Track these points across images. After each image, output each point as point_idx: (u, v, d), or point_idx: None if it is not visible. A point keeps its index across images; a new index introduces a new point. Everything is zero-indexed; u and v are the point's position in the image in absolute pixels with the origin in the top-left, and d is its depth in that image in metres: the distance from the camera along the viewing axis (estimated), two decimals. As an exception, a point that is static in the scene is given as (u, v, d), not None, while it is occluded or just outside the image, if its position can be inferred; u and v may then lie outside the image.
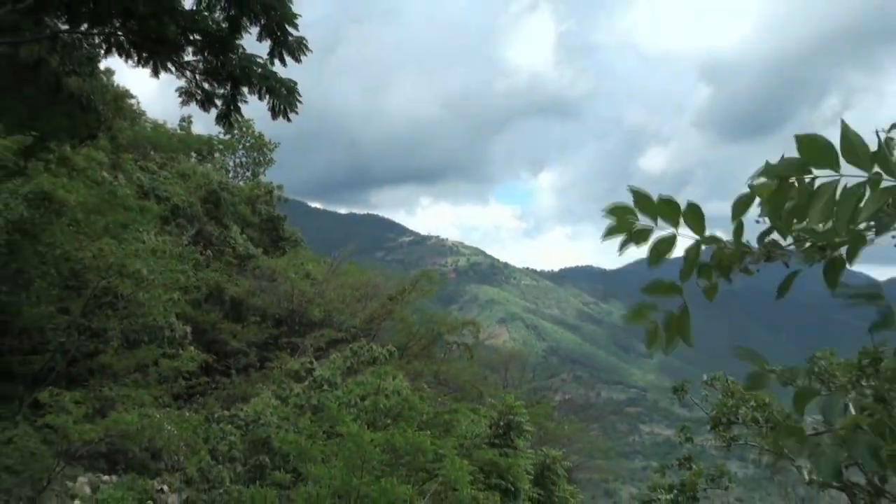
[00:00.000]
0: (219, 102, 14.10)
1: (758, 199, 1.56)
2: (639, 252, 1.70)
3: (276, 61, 13.37)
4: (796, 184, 1.43)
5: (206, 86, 13.77)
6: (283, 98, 13.61)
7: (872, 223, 1.48)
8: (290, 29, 12.95)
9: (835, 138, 1.73)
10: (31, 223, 12.04)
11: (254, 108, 13.98)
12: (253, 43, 13.50)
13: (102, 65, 17.95)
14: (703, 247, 1.63)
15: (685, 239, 1.62)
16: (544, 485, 20.01)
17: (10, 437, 9.58)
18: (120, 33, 13.14)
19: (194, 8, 12.87)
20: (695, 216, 1.58)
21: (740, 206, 1.58)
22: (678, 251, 1.65)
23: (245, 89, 13.70)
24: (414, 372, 23.95)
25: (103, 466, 14.59)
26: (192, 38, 12.94)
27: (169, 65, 13.55)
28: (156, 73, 13.34)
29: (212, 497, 13.98)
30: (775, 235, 1.58)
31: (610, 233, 1.60)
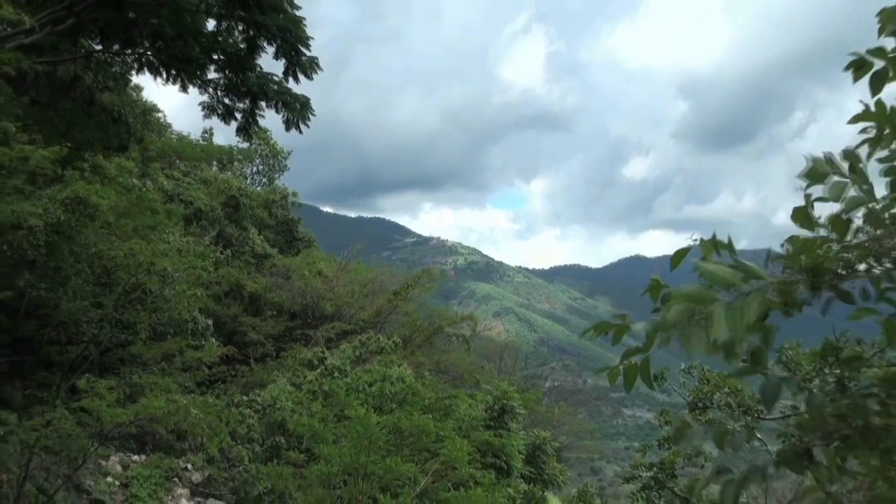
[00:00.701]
0: (238, 116, 14.11)
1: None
2: (621, 252, 1.76)
3: (291, 79, 13.38)
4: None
5: (226, 101, 13.79)
6: (297, 112, 13.62)
7: None
8: (304, 49, 12.96)
9: (802, 151, 1.79)
10: (68, 226, 12.04)
11: (270, 119, 14.01)
12: (269, 62, 13.52)
13: (132, 81, 17.96)
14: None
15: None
16: (535, 463, 20.04)
17: (49, 419, 9.57)
18: (150, 53, 13.15)
19: (216, 30, 12.90)
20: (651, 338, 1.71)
21: (677, 257, 1.83)
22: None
23: (262, 104, 13.72)
24: (417, 361, 23.96)
25: (133, 447, 14.60)
26: (214, 57, 12.97)
27: (194, 81, 13.56)
28: (184, 89, 13.36)
29: (232, 475, 14.00)
30: None
31: (588, 331, 1.85)
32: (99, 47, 14.10)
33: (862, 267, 1.75)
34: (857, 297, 1.75)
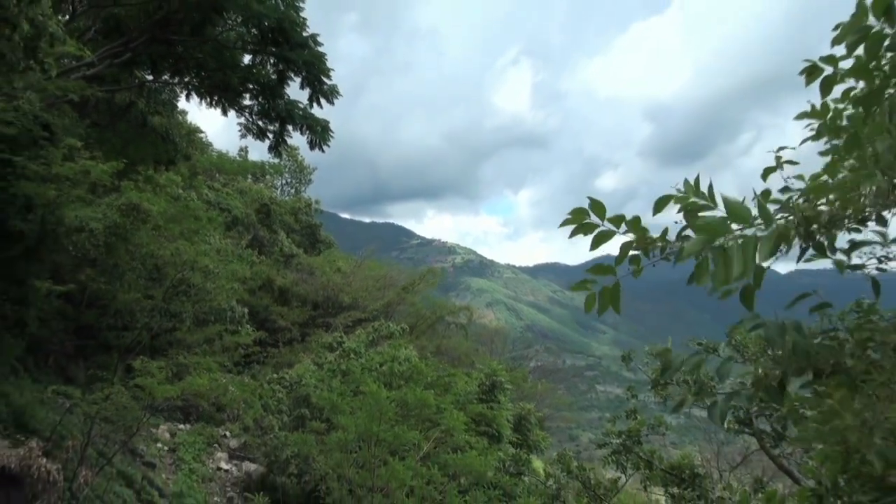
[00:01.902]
0: (270, 136, 14.11)
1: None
2: (595, 252, 1.73)
3: (315, 104, 13.39)
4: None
5: (260, 123, 13.79)
6: (319, 134, 13.62)
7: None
8: (325, 79, 12.97)
9: (748, 167, 1.75)
10: (124, 228, 12.01)
11: (297, 138, 13.99)
12: (296, 90, 13.53)
13: (178, 106, 17.94)
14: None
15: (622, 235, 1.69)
16: (521, 431, 19.99)
17: (108, 394, 9.54)
18: (195, 82, 13.15)
19: (251, 63, 12.91)
20: (635, 225, 1.64)
21: (660, 203, 1.63)
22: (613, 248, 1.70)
23: (290, 126, 13.72)
24: (421, 345, 23.92)
25: (180, 417, 14.59)
26: (249, 86, 12.97)
27: (233, 106, 13.56)
28: (225, 113, 13.37)
29: (264, 441, 13.98)
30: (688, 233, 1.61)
31: (567, 223, 1.69)
32: (150, 77, 14.10)
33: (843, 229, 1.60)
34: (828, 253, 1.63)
